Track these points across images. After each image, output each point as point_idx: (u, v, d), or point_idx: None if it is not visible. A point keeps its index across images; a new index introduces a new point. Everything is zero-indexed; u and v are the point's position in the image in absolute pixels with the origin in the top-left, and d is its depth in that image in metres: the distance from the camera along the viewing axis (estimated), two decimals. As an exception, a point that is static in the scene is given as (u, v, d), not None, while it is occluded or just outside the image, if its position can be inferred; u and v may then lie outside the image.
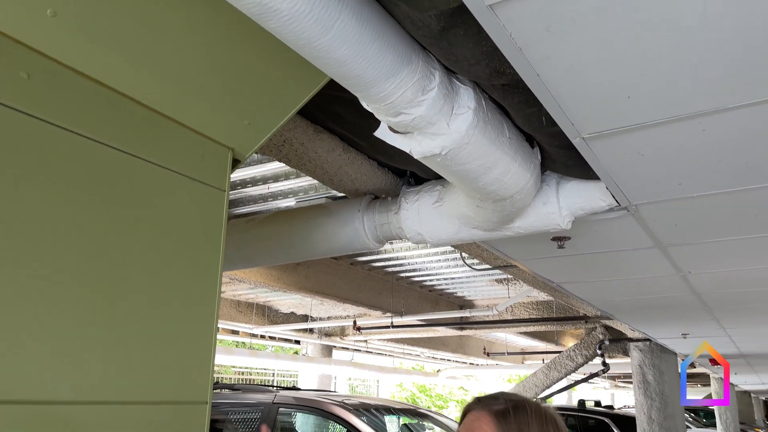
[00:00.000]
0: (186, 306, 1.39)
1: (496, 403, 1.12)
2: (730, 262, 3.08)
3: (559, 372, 8.33)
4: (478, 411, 1.12)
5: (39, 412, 1.10)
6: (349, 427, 4.60)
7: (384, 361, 13.38)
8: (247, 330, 8.27)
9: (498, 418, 1.10)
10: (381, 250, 5.93)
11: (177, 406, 1.35)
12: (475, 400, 1.15)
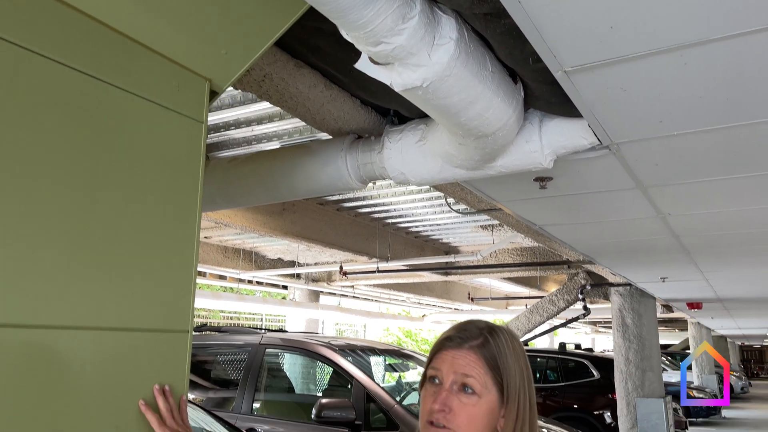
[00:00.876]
0: (166, 236, 1.40)
1: (471, 336, 1.14)
2: (709, 204, 3.12)
3: (541, 316, 8.52)
4: (456, 350, 1.13)
5: (23, 335, 1.11)
6: (336, 367, 4.70)
7: (370, 306, 13.59)
8: (234, 275, 8.33)
9: (479, 351, 1.12)
10: (367, 196, 5.93)
11: (159, 334, 1.37)
12: (447, 338, 1.15)
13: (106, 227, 1.27)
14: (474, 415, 1.08)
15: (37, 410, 1.12)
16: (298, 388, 5.46)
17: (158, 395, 1.25)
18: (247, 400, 4.72)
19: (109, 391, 1.25)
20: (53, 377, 1.15)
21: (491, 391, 1.10)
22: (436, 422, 1.09)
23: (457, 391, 1.10)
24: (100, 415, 1.23)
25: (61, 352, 1.17)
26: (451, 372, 1.11)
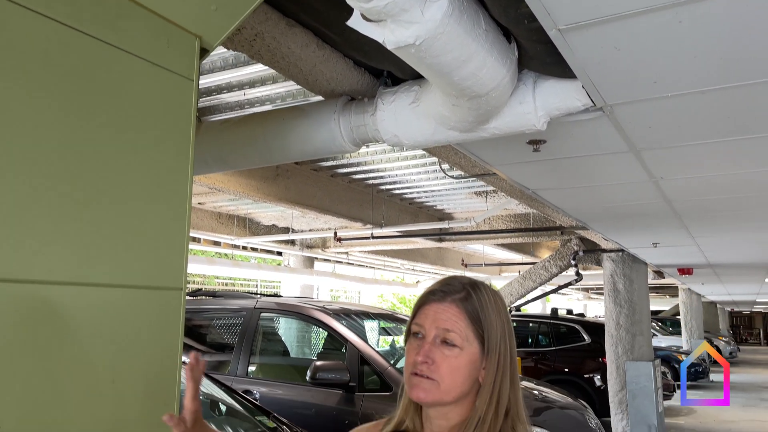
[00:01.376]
0: (158, 193, 1.40)
1: (454, 290, 1.16)
2: (702, 168, 3.13)
3: (534, 282, 8.60)
4: (439, 303, 1.16)
5: (18, 290, 1.12)
6: (330, 331, 4.76)
7: (365, 272, 13.68)
8: (229, 241, 8.35)
9: (461, 304, 1.15)
10: (361, 161, 5.92)
11: (152, 291, 1.38)
12: (431, 293, 1.18)
13: (98, 184, 1.27)
14: (455, 366, 1.12)
15: (34, 363, 1.14)
16: (293, 351, 5.53)
17: (196, 364, 1.17)
18: (243, 363, 4.78)
19: (105, 347, 1.26)
20: (50, 331, 1.17)
21: (473, 344, 1.13)
22: (420, 373, 1.12)
23: (439, 344, 1.13)
24: (97, 369, 1.25)
25: (58, 307, 1.18)
26: (434, 327, 1.14)
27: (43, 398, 1.15)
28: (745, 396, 12.33)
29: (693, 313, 16.16)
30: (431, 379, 1.11)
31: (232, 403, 3.57)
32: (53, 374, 1.17)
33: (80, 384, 1.21)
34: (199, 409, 1.19)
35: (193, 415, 1.16)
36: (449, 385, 1.12)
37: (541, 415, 4.40)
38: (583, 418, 4.59)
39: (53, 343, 1.17)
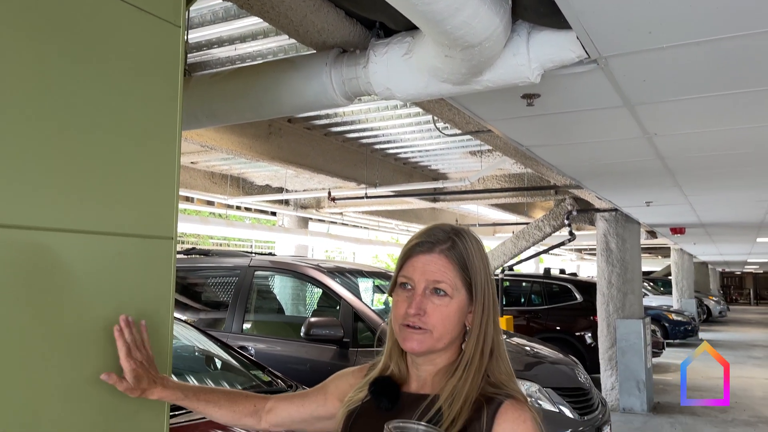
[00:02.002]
0: (147, 142, 1.38)
1: (440, 240, 1.18)
2: (696, 124, 3.12)
3: (527, 241, 8.65)
4: (426, 254, 1.17)
5: (12, 235, 1.12)
6: (324, 288, 4.79)
7: (359, 233, 13.72)
8: (222, 201, 8.33)
9: (448, 253, 1.17)
10: (355, 120, 5.87)
11: (144, 240, 1.38)
12: (417, 244, 1.19)
13: (85, 130, 1.25)
14: (446, 314, 1.14)
15: (25, 309, 1.14)
16: (287, 309, 5.58)
17: (124, 326, 1.24)
18: (238, 321, 4.83)
19: (97, 294, 1.27)
20: (42, 277, 1.17)
21: (460, 291, 1.16)
22: (412, 324, 1.14)
23: (429, 294, 1.15)
24: (89, 315, 1.25)
25: (49, 253, 1.18)
26: (423, 278, 1.15)
27: (34, 344, 1.16)
28: (734, 354, 12.58)
29: (684, 273, 16.35)
30: (424, 329, 1.14)
31: (227, 358, 3.62)
32: (45, 320, 1.17)
33: (72, 330, 1.22)
34: (139, 368, 1.23)
35: (133, 373, 1.22)
36: (441, 333, 1.14)
37: (532, 370, 4.48)
38: (573, 372, 4.67)
39: (45, 288, 1.17)
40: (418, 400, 1.15)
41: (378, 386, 1.19)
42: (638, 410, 7.18)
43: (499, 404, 1.09)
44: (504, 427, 1.07)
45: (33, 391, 1.14)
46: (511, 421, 1.07)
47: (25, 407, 1.13)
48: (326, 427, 1.34)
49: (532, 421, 1.08)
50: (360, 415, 1.20)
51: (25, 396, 1.13)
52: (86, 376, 1.23)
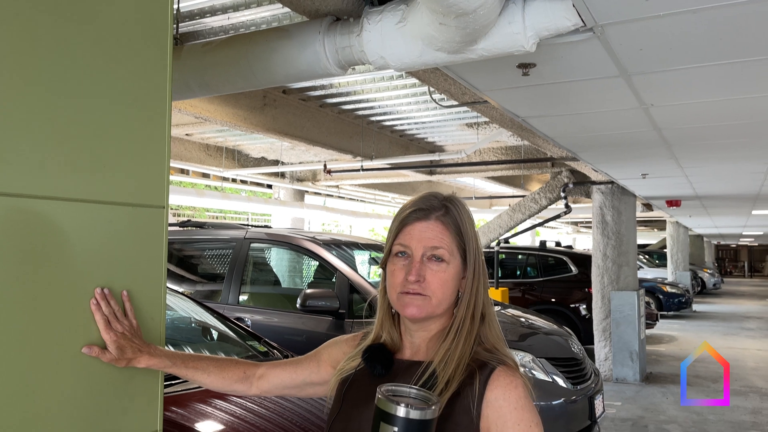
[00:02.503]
0: (137, 111, 1.37)
1: (434, 207, 1.19)
2: (693, 94, 3.10)
3: (523, 214, 8.66)
4: (423, 222, 1.18)
5: (17, 204, 1.11)
6: (320, 260, 4.80)
7: (356, 206, 13.72)
8: (218, 173, 8.30)
9: (444, 220, 1.18)
10: (350, 91, 5.82)
11: (134, 208, 1.37)
12: (412, 212, 1.19)
13: (75, 99, 1.24)
14: (444, 280, 1.16)
15: (17, 276, 1.14)
16: (283, 280, 5.60)
17: (100, 300, 1.24)
18: (234, 292, 4.85)
19: (89, 262, 1.27)
20: (32, 245, 1.16)
21: (456, 257, 1.17)
22: (412, 291, 1.15)
23: (427, 261, 1.16)
24: (82, 283, 1.25)
25: (39, 221, 1.17)
26: (421, 245, 1.16)
27: (23, 313, 1.16)
28: (727, 325, 12.72)
29: (680, 245, 16.43)
30: (424, 295, 1.15)
31: (223, 329, 3.64)
32: (35, 288, 1.17)
33: (62, 299, 1.22)
34: (120, 338, 1.23)
35: (115, 344, 1.22)
36: (440, 298, 1.15)
37: (527, 340, 4.52)
38: (567, 343, 4.71)
39: (35, 256, 1.17)
40: (412, 367, 1.16)
41: (371, 353, 1.19)
42: (631, 380, 7.28)
43: (492, 370, 1.10)
44: (496, 393, 1.08)
45: (23, 361, 1.15)
46: (502, 386, 1.08)
47: (17, 377, 1.14)
48: (317, 392, 1.36)
49: (523, 387, 1.10)
50: (354, 382, 1.21)
51: (16, 366, 1.14)
52: (77, 345, 1.23)
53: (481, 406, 1.07)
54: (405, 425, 0.92)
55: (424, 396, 0.99)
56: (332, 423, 1.19)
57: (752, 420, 5.72)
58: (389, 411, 0.93)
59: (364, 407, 1.14)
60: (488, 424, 1.07)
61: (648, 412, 6.01)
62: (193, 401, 2.60)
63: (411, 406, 0.93)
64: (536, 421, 1.08)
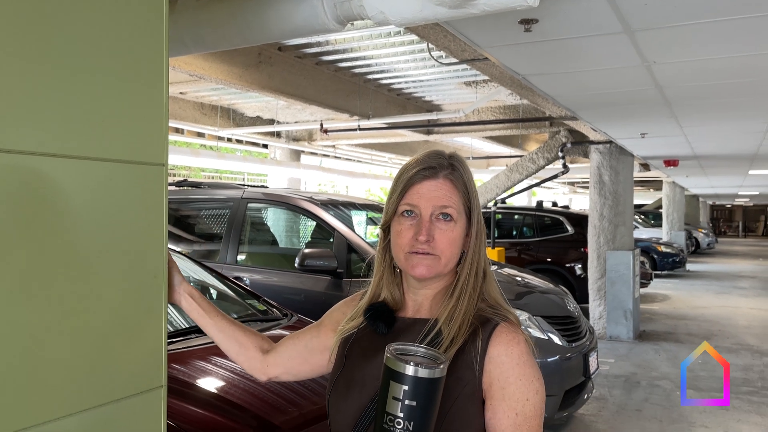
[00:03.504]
0: (134, 66, 1.33)
1: (442, 166, 1.17)
2: (697, 50, 3.05)
3: (521, 174, 8.65)
4: (431, 180, 1.16)
5: (14, 160, 1.09)
6: (317, 220, 4.80)
7: (352, 166, 13.66)
8: (213, 132, 8.22)
9: (451, 177, 1.17)
10: (347, 48, 5.72)
11: (134, 166, 1.35)
12: (421, 171, 1.17)
13: (71, 55, 1.20)
14: (452, 238, 1.15)
15: (18, 234, 1.13)
16: (281, 240, 5.61)
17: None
18: (232, 252, 4.86)
19: (89, 218, 1.25)
20: (32, 202, 1.15)
21: (462, 215, 1.17)
22: (420, 251, 1.14)
23: (435, 220, 1.15)
24: (83, 240, 1.24)
25: (38, 178, 1.16)
26: (430, 204, 1.15)
27: (27, 270, 1.15)
28: (720, 284, 12.87)
29: (675, 205, 16.49)
30: (433, 254, 1.14)
31: (222, 288, 3.66)
32: (37, 245, 1.16)
33: (67, 255, 1.21)
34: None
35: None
36: (448, 257, 1.15)
37: (523, 299, 4.57)
38: (562, 302, 4.76)
39: (34, 214, 1.15)
40: (416, 325, 1.16)
41: (374, 311, 1.19)
42: (624, 338, 7.40)
43: (494, 326, 1.11)
44: (498, 350, 1.09)
45: (24, 322, 1.14)
46: (505, 343, 1.09)
47: (19, 338, 1.14)
48: (322, 362, 1.32)
49: (525, 343, 1.11)
50: (356, 340, 1.21)
51: (18, 326, 1.13)
52: (79, 303, 1.23)
53: (484, 362, 1.08)
54: (414, 383, 0.93)
55: (432, 355, 0.99)
56: (335, 380, 1.20)
57: (743, 376, 5.83)
58: (398, 370, 0.94)
59: (367, 365, 1.14)
60: (491, 379, 1.08)
61: (641, 368, 6.13)
62: (193, 358, 2.63)
63: (420, 365, 0.94)
64: (537, 376, 1.10)
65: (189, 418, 2.15)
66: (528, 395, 1.07)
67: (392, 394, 0.93)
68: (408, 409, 0.92)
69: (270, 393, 2.45)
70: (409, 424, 0.92)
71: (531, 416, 1.07)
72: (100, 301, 1.26)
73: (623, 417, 4.71)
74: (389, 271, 1.23)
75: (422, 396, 0.92)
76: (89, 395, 1.25)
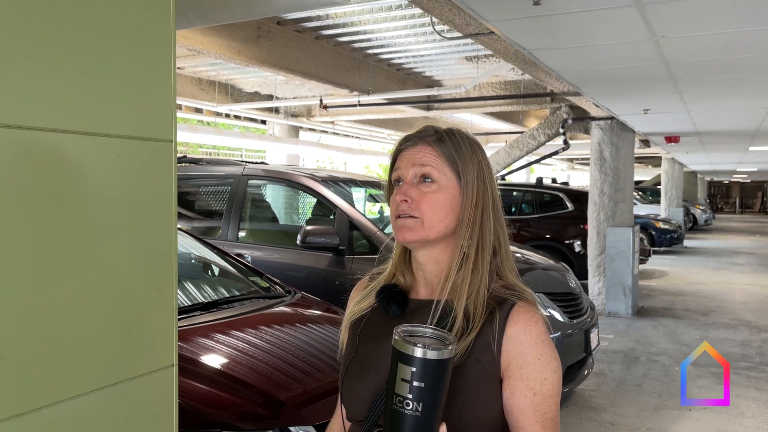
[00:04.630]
0: (141, 41, 1.30)
1: (427, 134, 1.16)
2: (704, 25, 3.00)
3: (521, 150, 8.61)
4: (413, 147, 1.16)
5: (10, 135, 1.06)
6: (319, 197, 4.77)
7: (351, 142, 13.58)
8: (211, 108, 8.14)
9: (435, 144, 1.14)
10: (347, 22, 5.64)
11: (143, 142, 1.32)
12: (405, 139, 1.18)
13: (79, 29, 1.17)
14: (434, 200, 1.12)
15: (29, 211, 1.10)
16: (282, 217, 5.59)
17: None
18: (233, 229, 4.84)
19: (98, 195, 1.23)
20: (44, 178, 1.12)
21: (451, 180, 1.13)
22: (402, 214, 1.12)
23: (417, 182, 1.13)
24: (95, 217, 1.22)
25: (50, 154, 1.13)
26: (410, 166, 1.14)
27: (40, 249, 1.13)
28: (717, 260, 12.93)
29: (674, 182, 16.49)
30: (413, 216, 1.12)
31: (224, 264, 3.64)
32: (51, 224, 1.14)
33: (79, 233, 1.19)
34: None
35: None
36: (432, 220, 1.11)
37: (525, 276, 4.57)
38: (564, 278, 4.77)
39: (47, 190, 1.13)
40: (428, 306, 1.13)
41: (386, 293, 1.17)
42: (623, 314, 7.44)
43: (511, 306, 1.09)
44: (517, 329, 1.07)
45: (38, 299, 1.13)
46: (523, 322, 1.08)
47: (33, 315, 1.12)
48: None
49: (542, 322, 1.10)
50: (368, 322, 1.20)
51: (32, 304, 1.11)
52: (91, 281, 1.21)
53: (502, 342, 1.07)
54: (422, 365, 0.91)
55: (440, 336, 0.98)
56: (349, 363, 1.18)
57: (741, 352, 5.88)
58: (406, 352, 0.92)
59: (379, 347, 1.13)
60: (509, 359, 1.06)
61: (639, 344, 6.17)
62: (198, 336, 2.62)
63: (428, 347, 0.92)
64: (555, 355, 1.09)
65: (194, 394, 2.15)
66: (546, 374, 1.07)
67: (401, 375, 0.92)
68: (417, 391, 0.91)
69: (275, 370, 2.45)
70: (418, 405, 0.91)
71: (549, 395, 1.06)
72: (111, 280, 1.24)
73: (623, 392, 4.75)
74: (402, 252, 1.22)
75: (431, 377, 0.92)
76: (103, 374, 1.23)
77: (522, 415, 1.05)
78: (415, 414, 0.91)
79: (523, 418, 1.05)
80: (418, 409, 0.91)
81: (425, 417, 0.92)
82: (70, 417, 1.18)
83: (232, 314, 2.89)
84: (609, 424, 4.11)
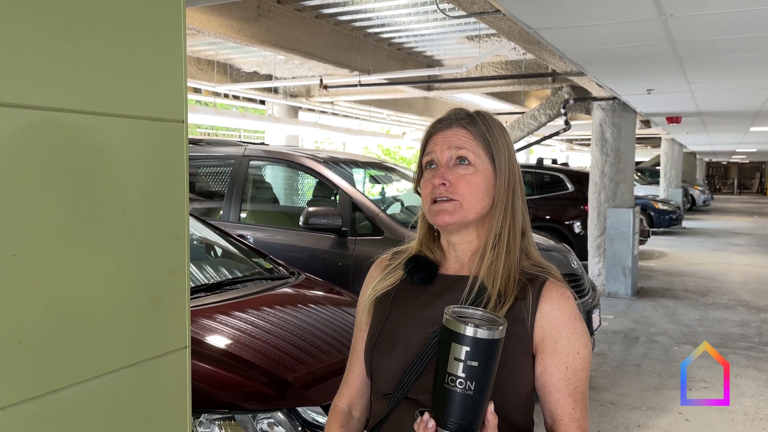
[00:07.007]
0: (151, 20, 1.27)
1: (460, 117, 1.17)
2: (714, 3, 2.97)
3: (522, 131, 8.57)
4: (447, 129, 1.16)
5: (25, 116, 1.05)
6: (321, 178, 4.75)
7: (350, 123, 13.51)
8: (210, 88, 8.07)
9: (468, 125, 1.16)
10: (348, 1, 5.57)
11: (155, 123, 1.30)
12: (437, 122, 1.19)
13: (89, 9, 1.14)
14: (472, 182, 1.13)
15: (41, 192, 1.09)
16: (283, 198, 5.57)
17: None
18: (234, 210, 4.82)
19: (111, 176, 1.22)
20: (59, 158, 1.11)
21: (485, 162, 1.15)
22: (439, 197, 1.13)
23: (453, 165, 1.14)
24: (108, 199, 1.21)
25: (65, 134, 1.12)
26: (445, 149, 1.15)
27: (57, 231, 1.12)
28: (716, 241, 12.97)
29: (673, 163, 16.47)
30: (452, 199, 1.12)
31: (227, 246, 3.63)
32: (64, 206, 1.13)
33: (95, 215, 1.18)
34: None
35: None
36: (470, 202, 1.13)
37: (527, 257, 4.56)
38: (566, 259, 4.77)
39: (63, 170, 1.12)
40: (459, 282, 1.15)
41: (415, 263, 1.18)
42: (623, 294, 7.47)
43: (543, 283, 1.12)
44: (551, 304, 1.10)
45: (55, 282, 1.12)
46: (556, 298, 1.11)
47: (50, 298, 1.11)
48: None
49: (572, 298, 1.14)
50: (396, 297, 1.19)
51: (49, 287, 1.11)
52: (105, 264, 1.20)
53: (535, 317, 1.10)
54: (475, 344, 0.93)
55: (490, 317, 0.99)
56: (377, 338, 1.17)
57: (740, 332, 5.92)
58: (459, 331, 0.94)
59: (410, 322, 1.14)
60: (543, 334, 1.10)
61: (639, 324, 6.20)
62: (203, 316, 2.62)
63: (480, 326, 0.94)
64: (585, 330, 1.12)
65: (201, 375, 2.15)
66: (578, 349, 1.10)
67: (453, 354, 0.93)
68: (469, 370, 0.93)
69: (280, 351, 2.45)
70: (471, 383, 0.93)
71: (581, 369, 1.10)
72: (127, 263, 1.23)
73: (623, 372, 4.79)
74: (429, 230, 1.22)
75: (483, 356, 0.93)
76: (118, 356, 1.23)
77: (555, 389, 1.09)
78: (467, 392, 0.93)
79: (556, 391, 1.09)
80: (471, 388, 0.93)
81: (476, 395, 0.94)
82: (85, 399, 1.18)
83: (237, 295, 2.89)
84: (610, 404, 4.14)
